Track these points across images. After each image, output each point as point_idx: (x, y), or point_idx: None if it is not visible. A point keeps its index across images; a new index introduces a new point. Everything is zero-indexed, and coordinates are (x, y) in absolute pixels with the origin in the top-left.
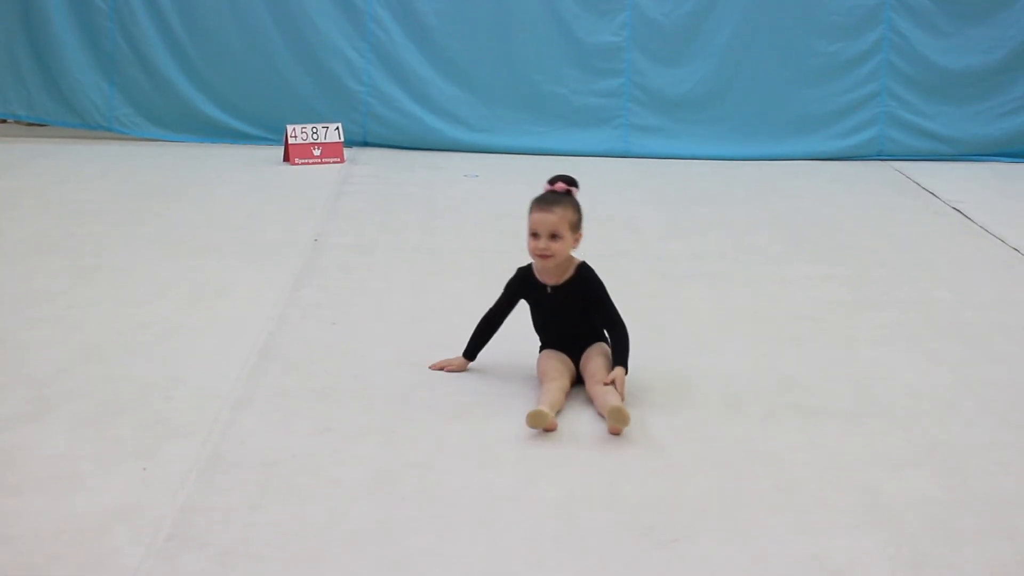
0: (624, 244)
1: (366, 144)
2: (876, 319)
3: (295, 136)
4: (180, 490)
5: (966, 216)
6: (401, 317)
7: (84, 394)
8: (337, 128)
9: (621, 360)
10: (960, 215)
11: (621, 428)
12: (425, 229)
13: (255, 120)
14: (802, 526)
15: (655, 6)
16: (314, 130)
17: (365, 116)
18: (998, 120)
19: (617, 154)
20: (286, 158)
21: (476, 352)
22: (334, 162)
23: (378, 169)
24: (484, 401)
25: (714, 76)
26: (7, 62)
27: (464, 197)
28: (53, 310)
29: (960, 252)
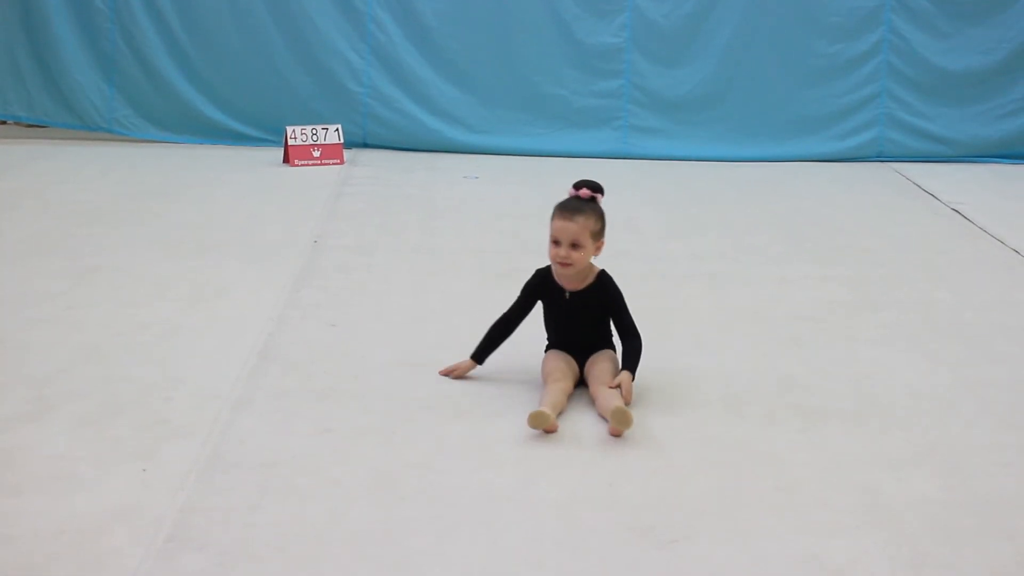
0: (624, 244)
1: (366, 145)
2: (876, 319)
3: (295, 137)
4: (180, 490)
5: (966, 217)
6: (401, 318)
7: (84, 394)
8: (337, 129)
9: (630, 366)
10: (960, 216)
11: (623, 430)
12: (425, 230)
13: (255, 121)
14: (802, 526)
15: (655, 7)
16: (314, 131)
17: (365, 117)
18: (998, 121)
19: (617, 155)
20: (286, 159)
21: (486, 355)
22: (334, 163)
23: (378, 170)
24: (484, 401)
25: (714, 77)
26: (7, 63)
27: (464, 198)
28: (53, 310)
29: (960, 253)
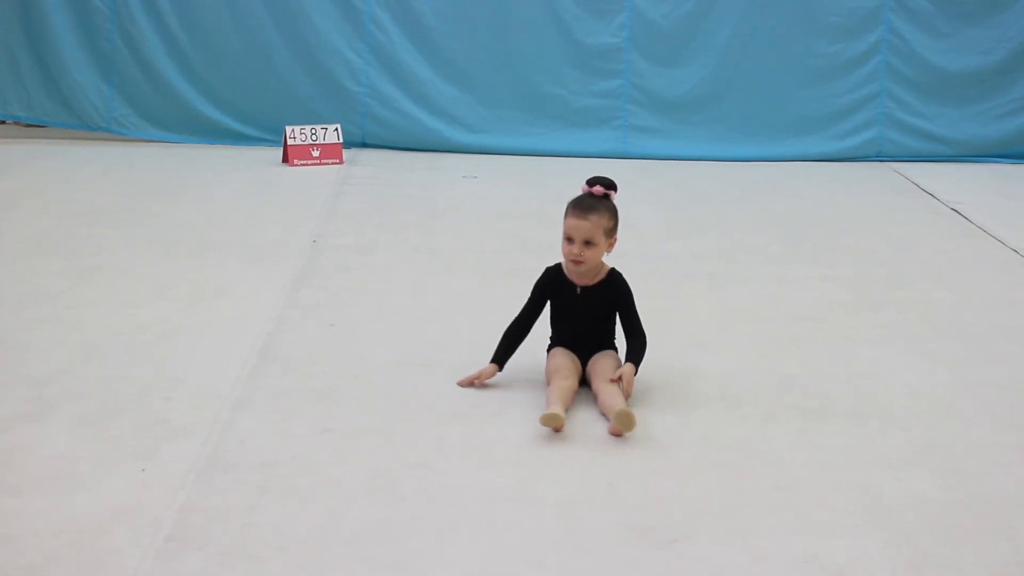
0: (624, 244)
1: (365, 145)
2: (875, 319)
3: (294, 137)
4: (179, 490)
5: (965, 217)
6: (401, 317)
7: (84, 394)
8: (336, 129)
9: (633, 359)
10: (959, 216)
11: (624, 431)
12: (424, 229)
13: (254, 121)
14: (802, 526)
15: (654, 7)
16: (313, 131)
17: (364, 117)
18: (997, 121)
19: (616, 155)
20: (285, 159)
21: (506, 358)
22: (333, 163)
23: (377, 170)
24: (484, 401)
25: (713, 77)
26: (6, 63)
27: (464, 198)
28: (53, 310)
29: (959, 253)
